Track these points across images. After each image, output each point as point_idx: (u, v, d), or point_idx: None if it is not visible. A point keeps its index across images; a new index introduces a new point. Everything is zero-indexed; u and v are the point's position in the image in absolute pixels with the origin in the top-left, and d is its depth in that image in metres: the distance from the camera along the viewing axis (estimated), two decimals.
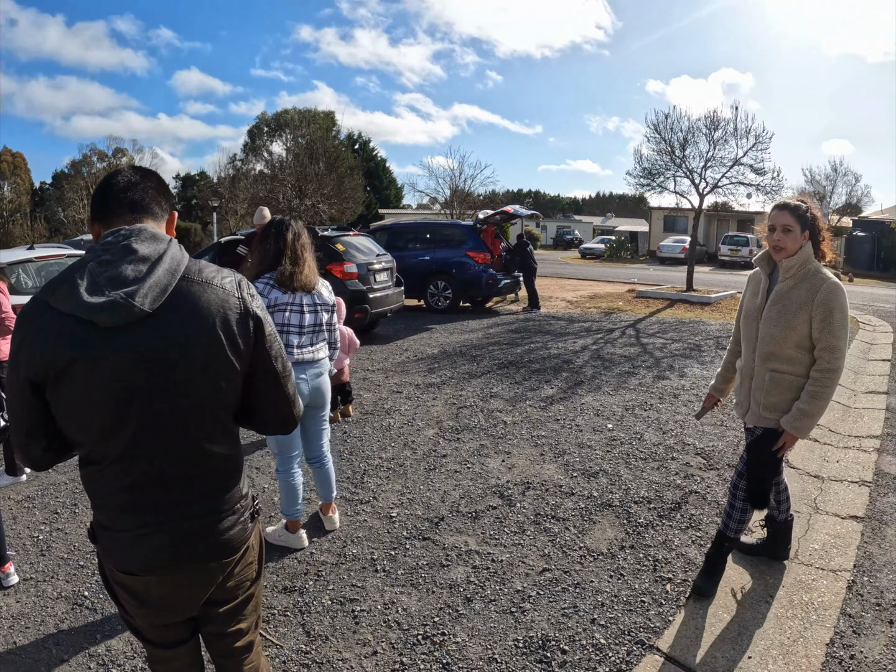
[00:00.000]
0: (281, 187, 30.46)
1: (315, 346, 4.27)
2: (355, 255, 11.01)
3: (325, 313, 4.32)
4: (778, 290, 3.48)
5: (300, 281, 4.09)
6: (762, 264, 3.64)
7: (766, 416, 3.52)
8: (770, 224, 3.50)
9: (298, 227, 4.21)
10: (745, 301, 3.77)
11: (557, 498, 4.99)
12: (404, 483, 5.28)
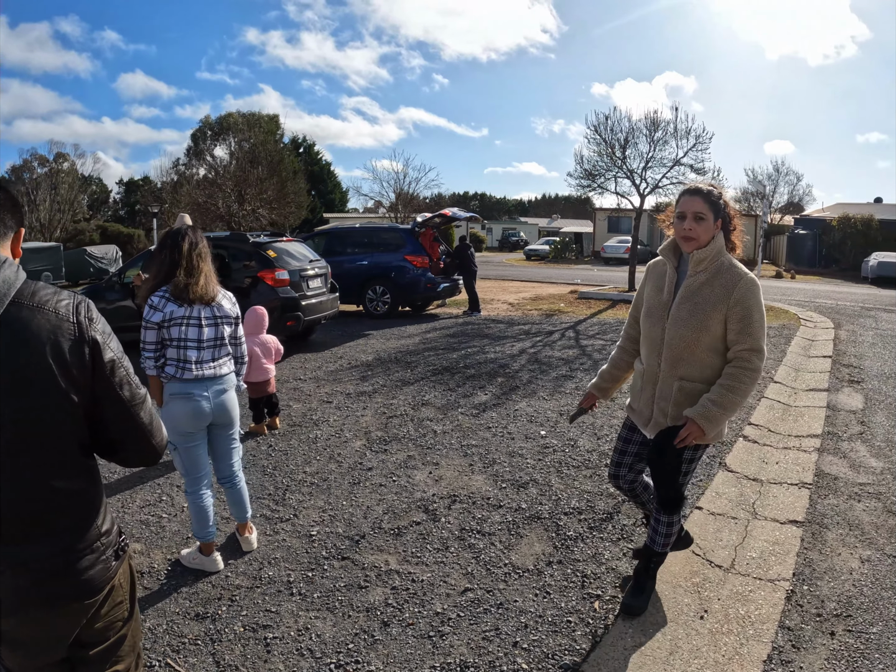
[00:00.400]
0: (220, 193, 29.92)
1: (217, 362, 4.05)
2: (287, 262, 10.74)
3: (227, 326, 4.10)
4: (688, 285, 3.20)
5: (196, 293, 3.88)
6: (668, 255, 3.32)
7: (674, 426, 3.30)
8: (679, 211, 3.20)
9: (196, 237, 4.00)
10: (645, 296, 3.45)
11: (484, 511, 4.81)
12: (327, 499, 5.07)
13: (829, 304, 18.34)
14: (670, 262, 3.31)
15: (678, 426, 3.24)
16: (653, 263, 3.49)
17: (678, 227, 3.19)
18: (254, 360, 6.48)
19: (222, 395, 4.05)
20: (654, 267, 3.46)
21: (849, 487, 5.23)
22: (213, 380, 4.00)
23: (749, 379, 3.08)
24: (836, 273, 34.38)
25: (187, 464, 4.08)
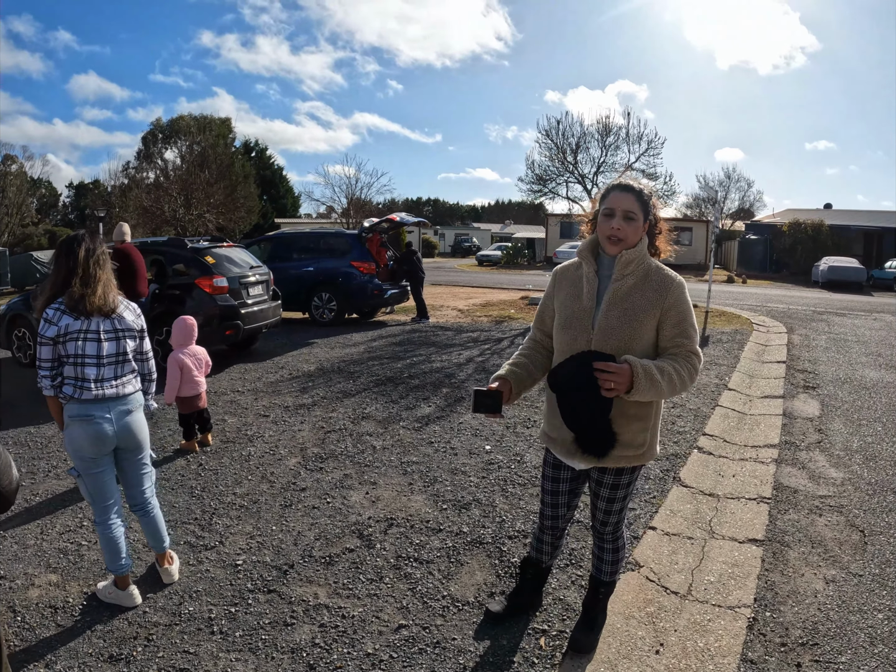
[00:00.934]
0: (166, 197, 29.24)
1: (120, 380, 3.66)
2: (226, 268, 10.24)
3: (131, 340, 3.75)
4: (615, 290, 2.82)
5: (93, 304, 3.51)
6: (587, 258, 2.94)
7: (614, 453, 2.88)
8: (607, 208, 2.82)
9: (93, 243, 3.63)
10: (558, 305, 3.01)
11: (423, 536, 4.45)
12: (256, 523, 4.67)
13: (781, 308, 18.34)
14: (589, 265, 2.93)
15: (621, 466, 2.98)
16: (561, 269, 3.10)
17: (604, 225, 2.83)
18: (185, 373, 6.13)
19: (127, 416, 3.67)
20: (565, 272, 3.07)
21: (809, 501, 5.00)
22: (116, 400, 3.63)
23: (689, 377, 2.77)
24: (787, 278, 34.89)
25: (93, 492, 3.68)
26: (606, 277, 2.89)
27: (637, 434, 2.89)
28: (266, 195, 54.85)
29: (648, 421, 2.92)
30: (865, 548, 4.28)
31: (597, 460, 2.90)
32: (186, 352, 6.17)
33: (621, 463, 2.94)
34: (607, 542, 3.21)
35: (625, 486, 3.05)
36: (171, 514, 4.80)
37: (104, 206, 34.00)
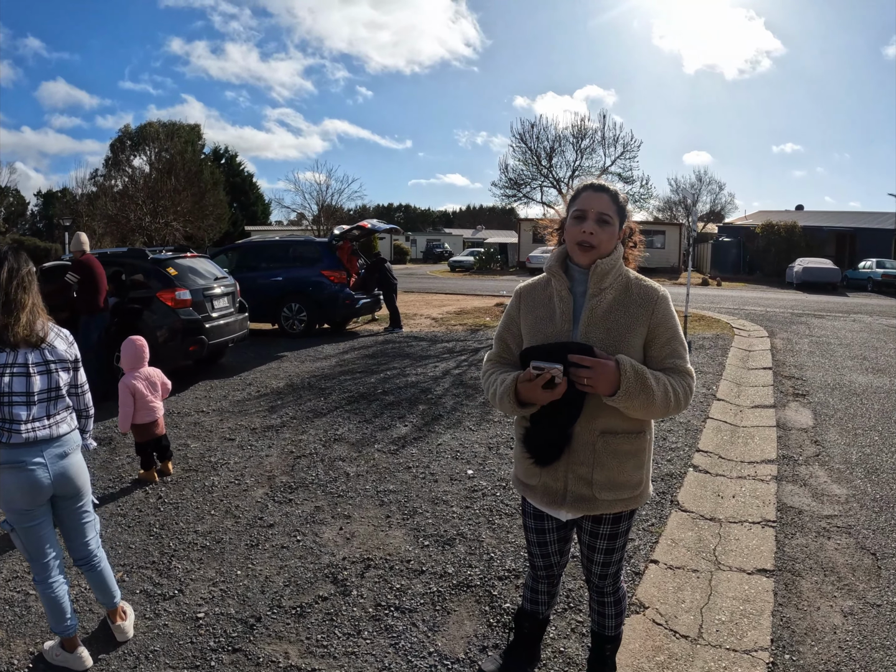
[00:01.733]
0: (132, 205, 28.61)
1: (53, 419, 3.17)
2: (190, 280, 9.75)
3: (64, 373, 3.24)
4: (593, 308, 2.43)
5: (18, 334, 3.00)
6: (558, 273, 2.52)
7: (607, 497, 2.48)
8: (578, 209, 2.43)
9: (17, 262, 3.11)
10: (526, 330, 2.60)
11: (404, 578, 4.02)
12: (219, 567, 4.22)
13: (759, 311, 18.16)
14: (561, 282, 2.51)
15: (617, 512, 2.57)
16: (527, 287, 2.69)
17: (573, 229, 2.44)
18: (138, 399, 5.65)
19: (63, 459, 3.18)
20: (531, 292, 2.65)
21: (815, 522, 4.67)
22: (50, 442, 3.13)
23: (685, 397, 2.39)
24: (761, 279, 35.04)
25: (29, 547, 3.21)
26: (580, 294, 2.49)
27: (633, 473, 2.51)
28: (236, 202, 54.25)
29: (644, 456, 2.55)
30: (879, 573, 3.98)
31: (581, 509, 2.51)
32: (138, 375, 5.71)
33: (617, 508, 2.53)
34: (608, 596, 2.80)
35: (624, 532, 2.67)
36: (126, 557, 4.36)
37: (69, 216, 33.33)
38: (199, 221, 31.68)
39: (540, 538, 2.76)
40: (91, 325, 8.47)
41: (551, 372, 2.21)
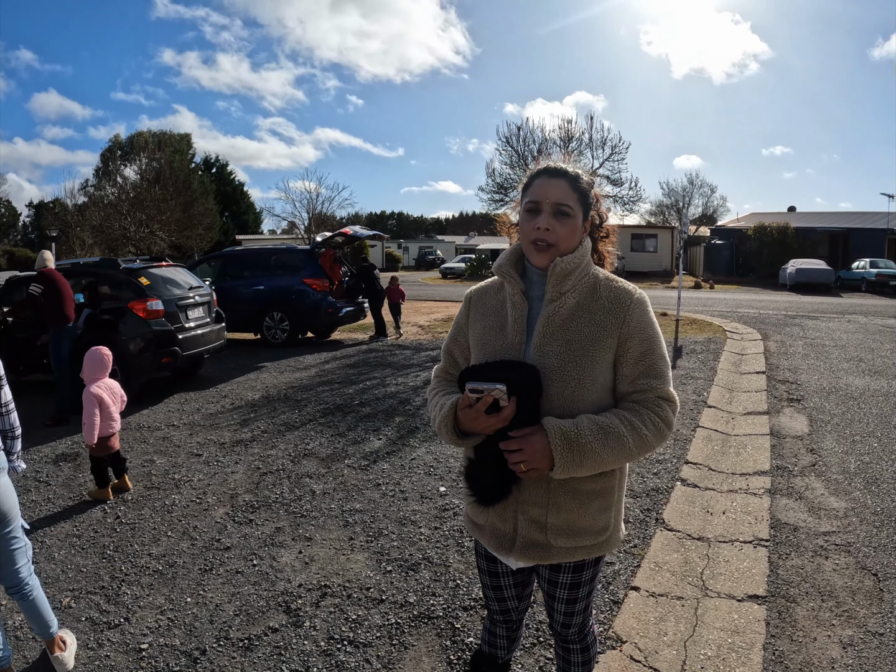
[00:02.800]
0: (116, 215, 28.33)
1: None
2: (162, 290, 9.42)
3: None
4: (550, 315, 2.00)
5: None
6: (509, 274, 2.10)
7: (564, 545, 2.04)
8: (530, 201, 2.01)
9: None
10: (475, 341, 2.19)
11: (361, 608, 3.68)
12: (169, 593, 3.91)
13: (752, 313, 17.86)
14: (514, 285, 2.09)
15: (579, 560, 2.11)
16: (478, 291, 2.27)
17: (527, 225, 2.01)
18: (103, 410, 5.37)
19: None
20: (483, 296, 2.24)
21: (812, 540, 4.32)
22: None
23: (655, 434, 1.93)
24: (754, 281, 34.81)
25: None
26: (538, 299, 2.07)
27: (597, 516, 2.05)
28: (227, 211, 54.04)
29: (611, 496, 2.08)
30: (882, 596, 3.63)
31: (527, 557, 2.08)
32: (101, 385, 5.43)
33: (578, 556, 2.08)
34: (573, 644, 2.37)
35: (588, 581, 2.21)
36: (76, 581, 4.11)
37: (56, 227, 33.06)
38: (188, 231, 31.40)
39: (494, 582, 2.33)
40: (60, 337, 8.15)
41: (492, 394, 1.80)
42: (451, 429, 2.02)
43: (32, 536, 4.70)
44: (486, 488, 2.00)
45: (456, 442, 2.05)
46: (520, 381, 1.84)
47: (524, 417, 1.86)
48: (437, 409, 2.10)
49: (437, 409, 2.10)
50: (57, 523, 5.01)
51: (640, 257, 43.03)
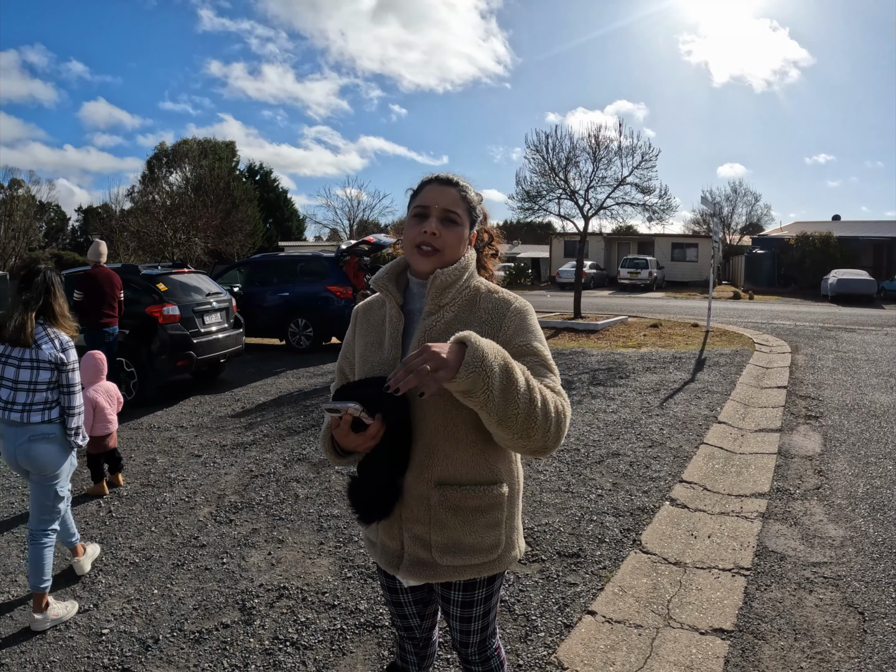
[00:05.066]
0: (154, 221, 28.79)
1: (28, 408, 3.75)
2: (179, 296, 9.59)
3: (45, 372, 3.77)
4: (426, 330, 1.92)
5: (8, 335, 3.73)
6: (387, 287, 2.01)
7: (451, 563, 1.93)
8: (419, 206, 1.95)
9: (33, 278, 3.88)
10: (359, 357, 2.09)
11: (312, 612, 3.70)
12: (140, 585, 4.08)
13: (788, 325, 17.44)
14: (391, 299, 2.01)
15: (471, 578, 2.01)
16: (364, 306, 2.19)
17: (413, 230, 1.94)
18: (98, 412, 5.58)
19: (29, 443, 3.74)
20: (367, 312, 2.15)
21: (798, 571, 4.06)
22: (21, 425, 3.73)
23: (563, 416, 1.73)
24: (795, 292, 34.08)
25: None
26: (416, 314, 1.99)
27: (485, 533, 1.93)
28: (271, 218, 54.55)
29: (499, 513, 1.95)
30: (864, 638, 3.34)
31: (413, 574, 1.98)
32: (98, 388, 5.62)
33: (467, 575, 1.98)
34: (474, 665, 2.24)
35: (482, 601, 2.09)
36: (60, 568, 4.31)
37: (100, 231, 33.68)
38: (227, 237, 31.74)
39: (393, 598, 2.22)
40: (95, 342, 8.14)
41: (348, 412, 1.70)
42: (329, 448, 2.01)
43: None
44: (368, 506, 1.92)
45: (336, 461, 2.02)
46: (379, 396, 1.72)
47: (396, 432, 1.80)
48: (322, 428, 2.07)
49: (322, 428, 2.07)
50: None
51: (680, 267, 42.57)
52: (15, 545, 4.69)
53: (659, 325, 16.38)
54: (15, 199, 50.55)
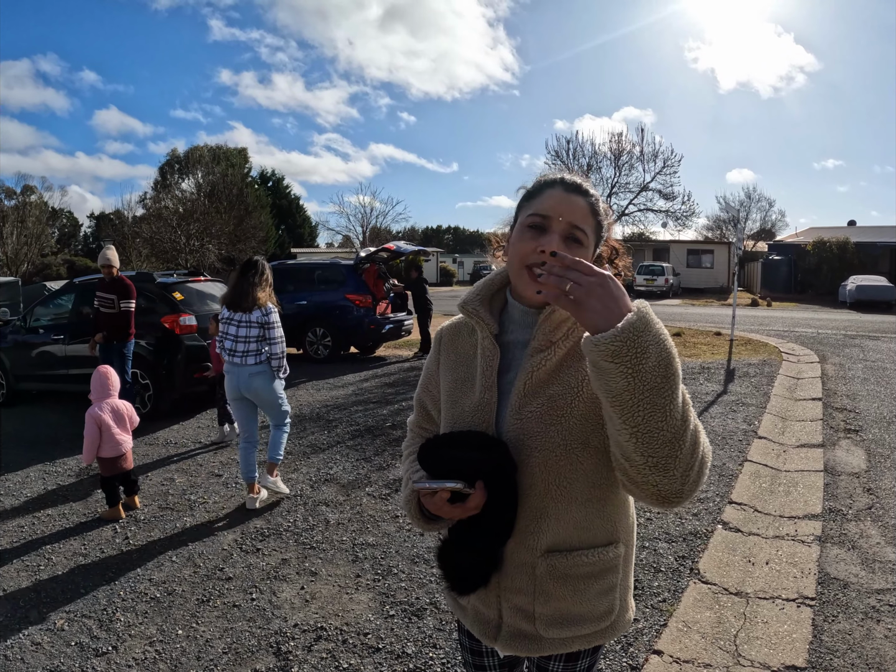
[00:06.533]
0: (167, 227, 28.71)
1: (245, 355, 5.46)
2: (196, 305, 9.35)
3: (254, 329, 5.48)
4: (533, 368, 1.54)
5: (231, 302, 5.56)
6: (479, 314, 1.63)
7: (557, 636, 1.61)
8: (537, 214, 1.52)
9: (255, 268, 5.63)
10: (445, 392, 1.73)
11: (355, 657, 3.38)
12: (162, 624, 3.75)
13: (810, 333, 17.10)
14: (483, 328, 1.63)
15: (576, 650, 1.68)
16: (449, 332, 1.80)
17: (525, 245, 1.51)
18: (104, 432, 5.28)
19: (248, 378, 5.48)
20: (454, 338, 1.78)
21: (863, 599, 3.81)
22: (241, 366, 5.47)
23: (707, 454, 1.34)
24: (813, 298, 33.64)
25: (236, 417, 5.85)
26: (517, 346, 1.62)
27: (597, 601, 1.61)
28: (283, 225, 54.49)
29: (614, 576, 1.63)
30: None
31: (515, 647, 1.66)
32: (104, 406, 5.32)
33: (575, 647, 1.65)
34: None
35: (585, 670, 1.77)
36: (74, 603, 4.02)
37: (112, 238, 33.70)
38: (240, 243, 31.65)
39: (476, 661, 1.88)
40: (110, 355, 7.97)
41: (445, 489, 1.43)
42: (416, 514, 1.66)
43: (41, 552, 4.80)
44: (461, 574, 1.61)
45: (424, 527, 1.68)
46: (488, 462, 1.46)
47: (498, 500, 1.49)
48: (404, 484, 1.74)
49: (404, 484, 1.74)
50: (67, 539, 4.98)
51: (696, 273, 42.20)
52: (25, 575, 4.43)
53: (681, 333, 16.06)
54: (28, 205, 50.77)
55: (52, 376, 9.87)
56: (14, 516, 5.46)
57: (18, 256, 46.88)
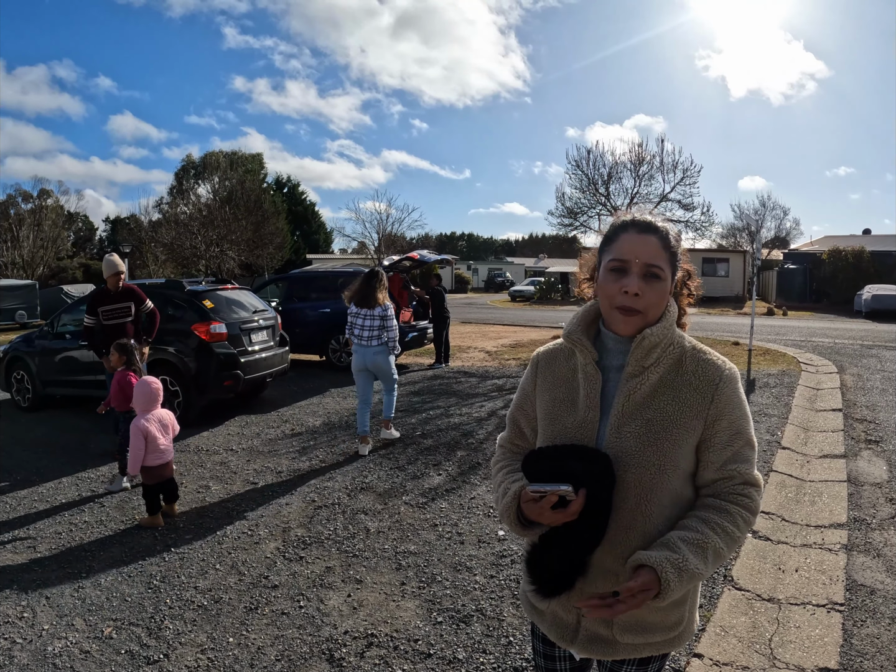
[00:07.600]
0: (187, 233, 28.94)
1: (370, 339, 7.46)
2: (226, 313, 9.50)
3: (375, 321, 7.47)
4: (630, 392, 1.74)
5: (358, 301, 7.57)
6: (581, 342, 1.82)
7: (631, 641, 1.79)
8: (616, 259, 1.73)
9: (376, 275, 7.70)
10: (543, 412, 1.92)
11: (407, 663, 3.50)
12: (212, 631, 3.84)
13: (827, 342, 17.15)
14: (586, 354, 1.82)
15: (647, 656, 1.85)
16: (546, 355, 1.98)
17: (611, 287, 1.73)
18: (150, 442, 5.44)
19: (371, 356, 7.48)
20: (551, 361, 1.95)
21: (890, 605, 3.96)
22: (367, 347, 7.46)
23: (744, 527, 1.70)
24: (828, 308, 33.53)
25: (357, 386, 7.69)
26: (615, 370, 1.81)
27: (670, 611, 1.79)
28: (299, 231, 54.79)
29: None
30: None
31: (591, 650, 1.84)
32: (150, 417, 5.50)
33: (646, 653, 1.82)
34: None
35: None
36: (120, 611, 4.11)
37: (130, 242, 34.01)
38: (258, 250, 31.87)
39: (549, 665, 2.05)
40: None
41: (557, 493, 1.60)
42: (514, 519, 1.81)
43: (82, 559, 4.88)
44: (549, 578, 1.77)
45: (520, 532, 1.83)
46: (591, 473, 1.63)
47: (595, 509, 1.65)
48: (500, 494, 1.88)
49: (500, 494, 1.88)
50: (107, 548, 5.07)
51: (711, 282, 42.08)
52: (67, 583, 4.50)
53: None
54: (44, 208, 51.20)
55: (78, 381, 9.97)
56: (51, 524, 5.56)
57: (35, 260, 47.25)
